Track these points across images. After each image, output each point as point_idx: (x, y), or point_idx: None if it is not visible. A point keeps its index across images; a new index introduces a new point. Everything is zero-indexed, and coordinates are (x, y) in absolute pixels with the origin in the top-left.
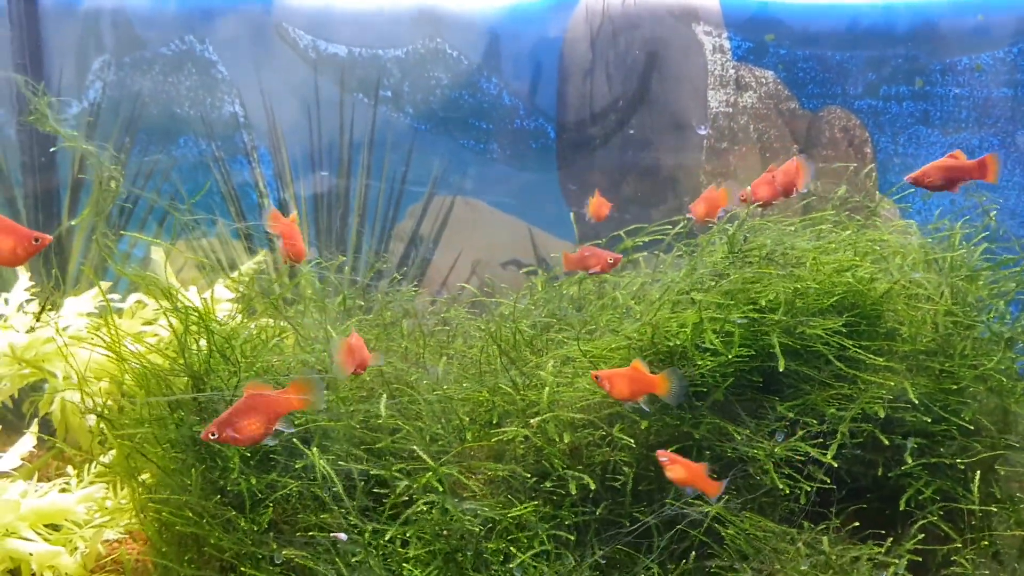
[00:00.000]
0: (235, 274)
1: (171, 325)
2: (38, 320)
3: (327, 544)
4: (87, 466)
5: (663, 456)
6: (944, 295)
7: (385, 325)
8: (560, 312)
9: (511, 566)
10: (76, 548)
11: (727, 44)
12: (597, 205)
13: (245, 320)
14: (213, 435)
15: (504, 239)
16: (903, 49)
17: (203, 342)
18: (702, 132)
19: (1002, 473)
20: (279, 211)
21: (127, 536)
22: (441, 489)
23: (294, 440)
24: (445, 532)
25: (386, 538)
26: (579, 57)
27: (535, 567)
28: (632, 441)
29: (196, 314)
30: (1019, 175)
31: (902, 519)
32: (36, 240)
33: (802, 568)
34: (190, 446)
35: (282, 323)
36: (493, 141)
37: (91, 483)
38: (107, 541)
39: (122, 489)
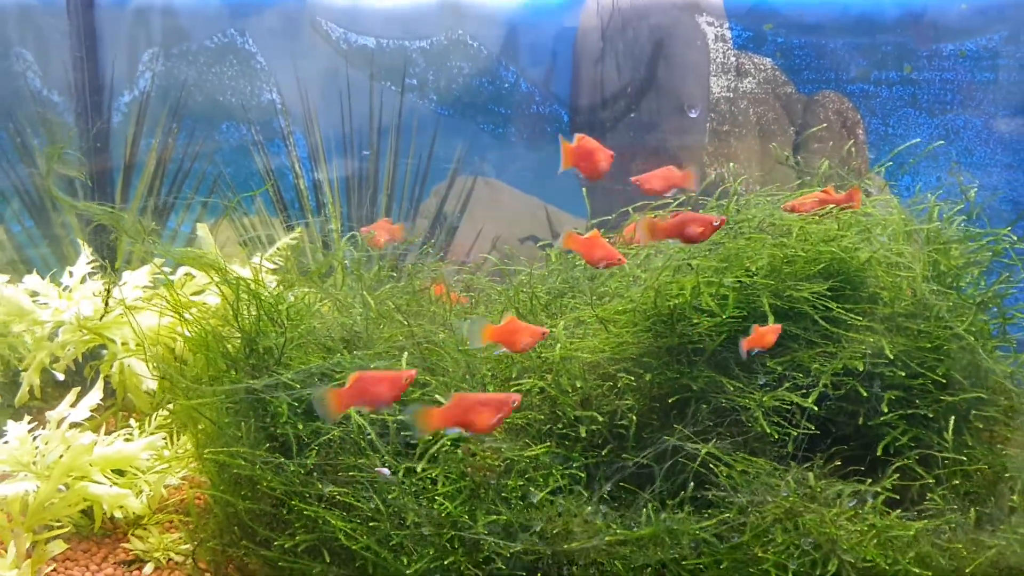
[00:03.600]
0: (273, 248)
1: (222, 293)
2: (106, 305)
3: (365, 483)
4: (147, 419)
5: None
6: (920, 264)
7: (414, 291)
8: (573, 280)
9: (530, 499)
10: (141, 491)
11: (728, 33)
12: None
13: (286, 289)
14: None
15: (522, 216)
16: (892, 36)
17: (252, 308)
18: (692, 115)
19: (976, 423)
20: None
21: (184, 482)
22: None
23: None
24: (469, 470)
25: (417, 475)
26: (591, 47)
27: (551, 502)
28: (631, 380)
29: (246, 283)
30: (1001, 154)
31: (882, 465)
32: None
33: (790, 498)
34: (244, 399)
35: (320, 292)
36: (511, 125)
37: (152, 433)
38: (167, 486)
39: (179, 439)
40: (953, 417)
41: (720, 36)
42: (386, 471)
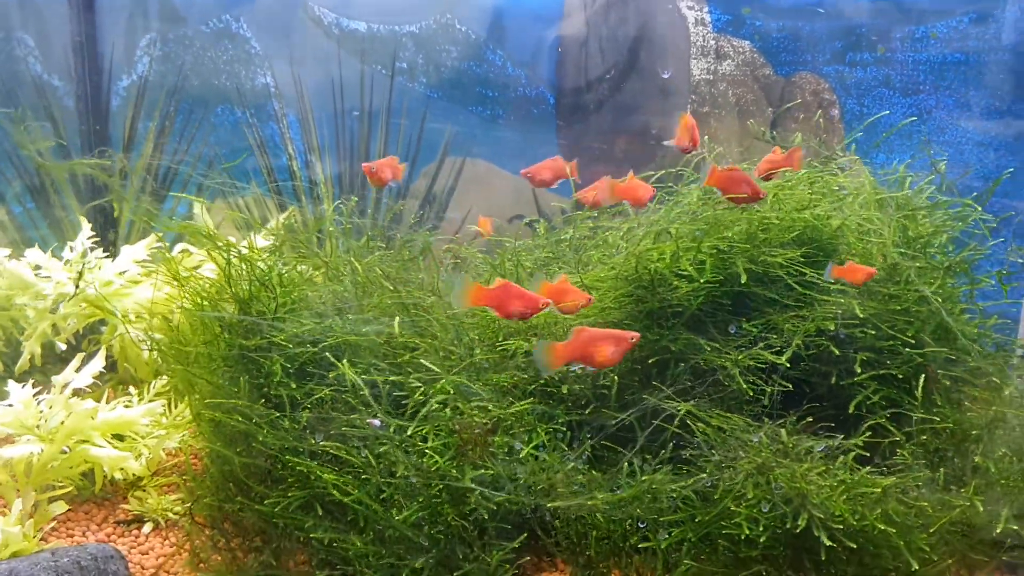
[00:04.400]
0: (268, 226)
1: (217, 262)
2: (77, 285)
3: (356, 440)
4: (146, 387)
5: None
6: (890, 230)
7: (405, 260)
8: (558, 252)
9: (516, 453)
10: (140, 454)
11: (708, 17)
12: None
13: (279, 260)
14: None
15: (509, 196)
16: (866, 19)
17: (246, 275)
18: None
19: (944, 382)
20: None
21: (182, 444)
22: (453, 392)
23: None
24: (458, 427)
25: (408, 433)
26: (575, 31)
27: (535, 457)
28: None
29: (239, 250)
30: (972, 132)
31: (855, 423)
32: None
33: (763, 454)
34: (239, 360)
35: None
36: (498, 107)
37: (151, 400)
38: (166, 450)
39: (176, 407)
40: (923, 376)
41: (700, 20)
42: (377, 422)
